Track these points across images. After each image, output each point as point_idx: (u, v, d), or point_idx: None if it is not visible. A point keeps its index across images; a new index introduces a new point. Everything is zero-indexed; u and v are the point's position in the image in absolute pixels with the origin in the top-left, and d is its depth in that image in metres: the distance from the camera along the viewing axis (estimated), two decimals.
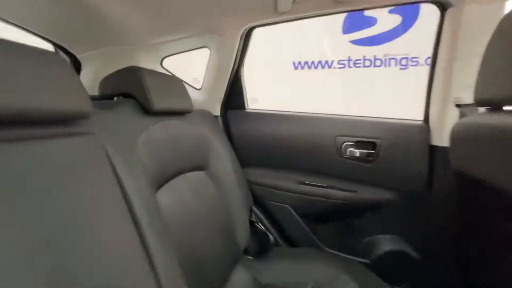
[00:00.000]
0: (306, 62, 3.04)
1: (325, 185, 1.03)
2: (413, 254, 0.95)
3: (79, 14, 0.84)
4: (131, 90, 0.63)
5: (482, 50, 0.54)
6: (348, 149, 0.97)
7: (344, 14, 2.83)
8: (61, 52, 0.97)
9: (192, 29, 0.95)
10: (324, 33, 2.91)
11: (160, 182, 0.61)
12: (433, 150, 0.87)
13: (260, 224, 1.02)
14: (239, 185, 0.95)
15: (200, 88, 1.10)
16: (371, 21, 2.85)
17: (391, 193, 0.96)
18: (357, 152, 0.96)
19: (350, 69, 2.90)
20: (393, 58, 2.76)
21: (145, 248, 0.45)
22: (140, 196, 0.49)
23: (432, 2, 0.81)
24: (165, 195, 0.62)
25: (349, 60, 2.91)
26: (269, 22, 0.89)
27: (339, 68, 2.96)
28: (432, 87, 0.87)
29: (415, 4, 0.96)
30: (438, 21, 0.83)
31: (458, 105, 0.80)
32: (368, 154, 0.95)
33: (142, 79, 0.61)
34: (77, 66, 1.03)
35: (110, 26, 0.90)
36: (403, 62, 2.74)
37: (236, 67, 1.02)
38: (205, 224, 0.74)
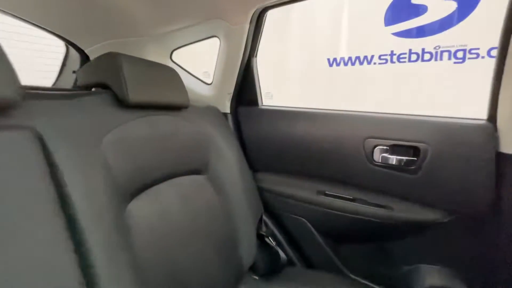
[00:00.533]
0: (342, 59, 2.80)
1: (351, 197, 0.85)
2: None
3: (82, 6, 0.79)
4: (107, 80, 0.54)
5: None
6: (381, 155, 0.78)
7: (387, 5, 2.55)
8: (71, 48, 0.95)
9: (198, 14, 0.85)
10: (363, 26, 2.64)
11: (137, 188, 0.52)
12: (502, 159, 0.64)
13: (270, 238, 0.87)
14: (246, 191, 0.82)
15: (211, 83, 1.00)
16: (420, 10, 2.52)
17: (440, 213, 0.74)
18: (393, 159, 0.76)
19: (393, 64, 2.59)
20: (446, 51, 2.38)
21: (85, 274, 0.35)
22: (93, 206, 0.39)
23: None
24: (143, 205, 0.52)
25: (392, 54, 2.60)
26: (283, 1, 0.74)
27: (380, 64, 2.67)
28: (503, 72, 0.64)
29: None
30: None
31: None
32: (408, 162, 0.75)
33: (119, 66, 0.52)
34: (87, 61, 1.01)
35: (114, 17, 0.85)
36: (459, 54, 2.35)
37: (246, 57, 0.89)
38: (198, 238, 0.62)
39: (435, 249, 0.78)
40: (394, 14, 2.56)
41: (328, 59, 2.79)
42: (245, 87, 0.95)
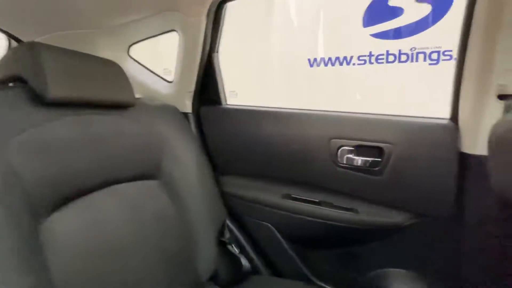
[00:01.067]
0: (322, 59, 2.80)
1: (317, 200, 0.81)
2: None
3: None
4: (23, 73, 0.47)
5: None
6: (346, 156, 0.74)
7: (365, 6, 2.57)
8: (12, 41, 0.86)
9: (152, 5, 0.79)
10: (342, 27, 2.65)
11: (59, 199, 0.45)
12: (464, 159, 0.63)
13: (234, 245, 0.82)
14: (207, 196, 0.76)
15: (172, 81, 0.93)
16: (396, 12, 2.55)
17: (405, 215, 0.72)
18: (358, 160, 0.73)
19: (371, 65, 2.62)
20: (421, 52, 2.42)
21: None
22: None
23: None
24: (69, 218, 0.45)
25: (370, 55, 2.62)
26: None
27: (359, 64, 2.69)
28: (463, 72, 0.62)
29: None
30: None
31: (501, 96, 0.55)
32: (373, 163, 0.72)
33: (36, 57, 0.45)
34: None
35: (60, 5, 0.76)
36: (433, 56, 2.39)
37: (206, 53, 0.83)
38: (144, 252, 0.56)
39: (402, 252, 0.76)
40: (372, 16, 2.58)
41: (309, 59, 2.78)
42: (207, 85, 0.89)
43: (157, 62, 0.98)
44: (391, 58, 2.65)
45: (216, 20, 0.80)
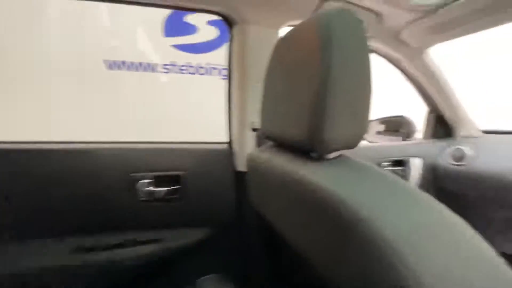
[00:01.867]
0: (123, 62, 2.56)
1: (118, 242, 0.73)
2: None
3: None
4: None
5: None
6: (145, 189, 0.73)
7: (164, 16, 2.62)
8: None
9: None
10: (144, 33, 2.56)
11: None
12: (239, 177, 0.80)
13: None
14: None
15: None
16: (192, 29, 2.82)
17: (206, 230, 0.82)
18: (158, 191, 0.74)
19: (176, 74, 2.74)
20: (215, 68, 2.85)
21: None
22: None
23: (219, 15, 0.72)
24: None
25: (174, 65, 2.74)
26: None
27: (164, 72, 2.73)
28: (230, 106, 0.80)
29: None
30: (229, 39, 0.76)
31: (254, 129, 0.76)
32: (172, 191, 0.75)
33: None
34: None
35: None
36: (224, 72, 2.90)
37: None
38: None
39: (209, 262, 0.86)
40: (172, 28, 2.70)
41: (107, 60, 2.44)
42: None
43: None
44: (192, 69, 2.91)
45: None
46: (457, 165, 0.98)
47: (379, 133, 1.34)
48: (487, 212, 0.95)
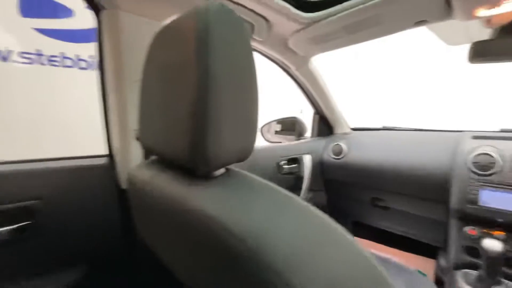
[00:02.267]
0: None
1: None
2: None
3: None
4: None
5: None
6: None
7: None
8: None
9: None
10: None
11: None
12: (124, 196, 0.67)
13: None
14: None
15: None
16: (65, 11, 2.30)
17: (76, 271, 0.64)
18: None
19: (43, 66, 2.16)
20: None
21: None
22: None
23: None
24: None
25: (40, 54, 2.15)
26: None
27: (23, 63, 2.10)
28: (107, 112, 0.65)
29: None
30: (96, 27, 0.61)
31: (138, 138, 0.65)
32: (18, 230, 0.55)
33: None
34: None
35: None
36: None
37: None
38: None
39: None
40: (33, 5, 2.11)
41: None
42: None
43: None
44: (68, 62, 2.39)
45: None
46: (337, 158, 1.15)
47: (277, 132, 1.44)
48: (359, 194, 1.15)
